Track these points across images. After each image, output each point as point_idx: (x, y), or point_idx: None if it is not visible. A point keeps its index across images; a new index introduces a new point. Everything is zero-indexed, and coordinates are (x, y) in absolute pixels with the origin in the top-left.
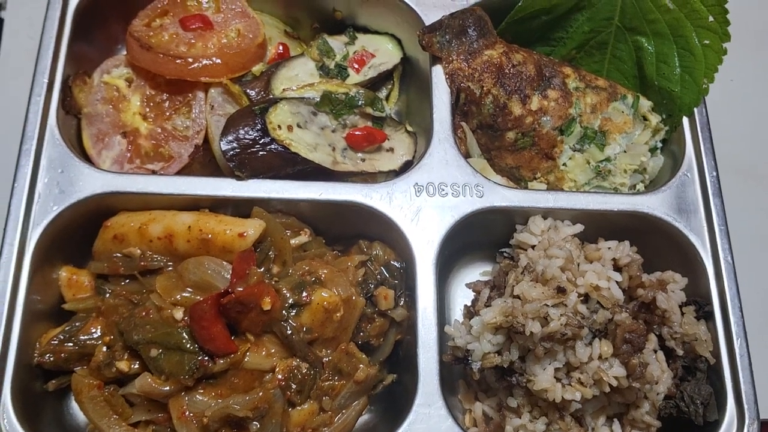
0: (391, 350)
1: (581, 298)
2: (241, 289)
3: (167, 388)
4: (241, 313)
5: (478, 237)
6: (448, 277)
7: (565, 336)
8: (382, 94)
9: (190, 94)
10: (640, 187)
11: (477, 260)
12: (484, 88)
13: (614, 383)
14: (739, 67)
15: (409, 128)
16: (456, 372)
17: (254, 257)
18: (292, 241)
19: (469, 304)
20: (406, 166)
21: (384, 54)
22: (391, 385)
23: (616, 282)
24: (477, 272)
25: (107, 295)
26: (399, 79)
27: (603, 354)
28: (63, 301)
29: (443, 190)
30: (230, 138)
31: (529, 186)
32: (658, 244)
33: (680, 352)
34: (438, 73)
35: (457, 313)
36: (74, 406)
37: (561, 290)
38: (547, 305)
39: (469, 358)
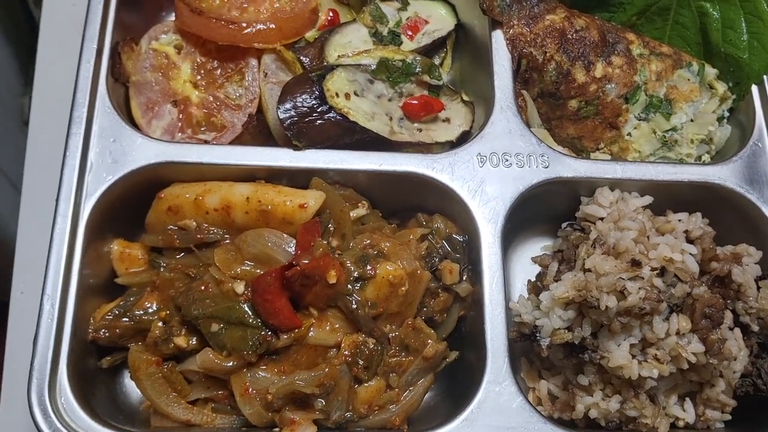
0: (454, 326)
1: (655, 272)
2: (306, 261)
3: (230, 363)
4: (305, 286)
5: (539, 210)
6: (507, 251)
7: (644, 311)
8: (435, 62)
9: (242, 62)
10: (706, 158)
11: (536, 235)
12: (547, 54)
13: (693, 360)
14: None
15: (465, 98)
16: (517, 350)
17: (319, 229)
18: (351, 214)
19: (533, 279)
20: (464, 137)
21: (438, 20)
22: (452, 362)
23: (691, 255)
24: (535, 247)
25: (162, 268)
26: (452, 47)
27: (681, 329)
28: (115, 275)
29: (507, 160)
30: (288, 106)
31: (591, 157)
32: (728, 217)
33: (755, 328)
34: (498, 39)
35: (518, 289)
36: (127, 383)
37: (636, 263)
38: (623, 279)
39: (538, 335)
